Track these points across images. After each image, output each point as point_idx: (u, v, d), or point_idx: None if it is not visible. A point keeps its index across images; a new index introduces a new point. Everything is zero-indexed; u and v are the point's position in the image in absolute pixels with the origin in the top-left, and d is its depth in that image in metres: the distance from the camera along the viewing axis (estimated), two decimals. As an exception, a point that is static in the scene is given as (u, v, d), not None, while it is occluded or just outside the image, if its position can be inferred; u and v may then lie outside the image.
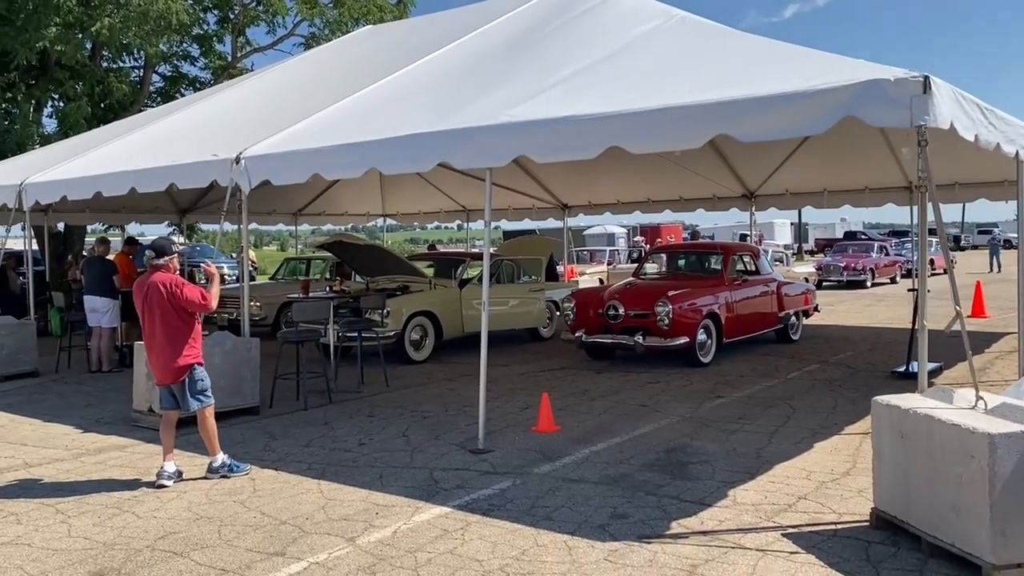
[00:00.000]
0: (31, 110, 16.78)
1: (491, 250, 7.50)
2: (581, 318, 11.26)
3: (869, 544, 4.62)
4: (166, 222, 19.14)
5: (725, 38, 7.62)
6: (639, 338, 10.49)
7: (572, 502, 5.46)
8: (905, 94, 4.86)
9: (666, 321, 10.35)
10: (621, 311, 10.84)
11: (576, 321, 11.30)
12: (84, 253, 17.22)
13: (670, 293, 10.61)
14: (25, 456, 7.05)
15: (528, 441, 7.10)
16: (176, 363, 6.05)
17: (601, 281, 21.52)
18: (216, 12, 19.01)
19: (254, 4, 18.55)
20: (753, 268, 12.77)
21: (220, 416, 7.90)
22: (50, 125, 17.73)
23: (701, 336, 10.78)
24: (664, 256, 14.18)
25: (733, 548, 4.61)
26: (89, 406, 9.10)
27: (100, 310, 11.29)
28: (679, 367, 10.64)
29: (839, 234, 52.18)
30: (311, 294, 12.20)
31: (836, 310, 18.73)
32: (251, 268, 21.75)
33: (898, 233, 45.13)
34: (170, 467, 6.10)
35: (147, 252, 6.29)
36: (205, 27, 18.96)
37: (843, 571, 4.27)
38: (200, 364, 6.21)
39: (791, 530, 4.87)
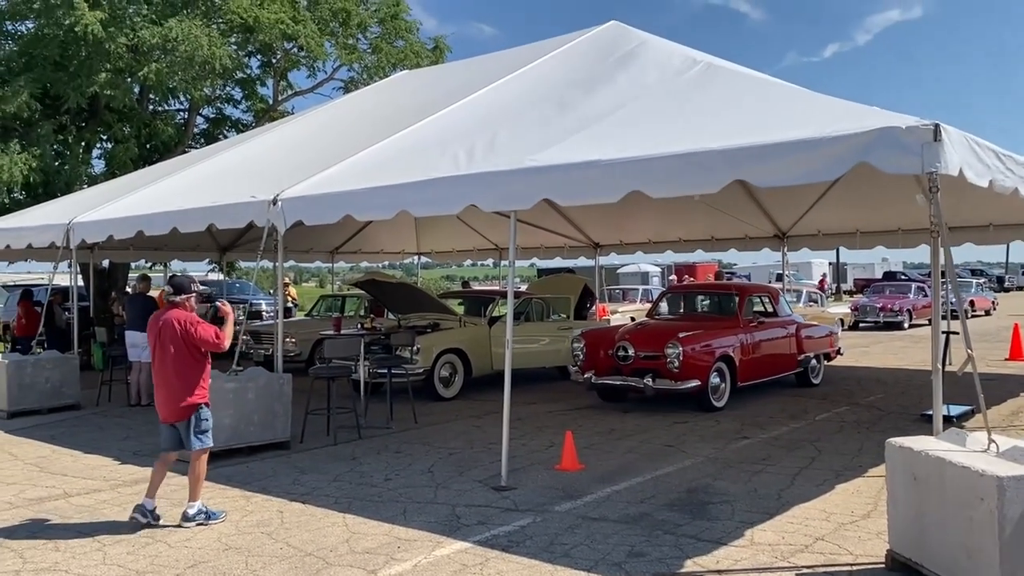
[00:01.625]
0: (81, 151, 17.42)
1: (523, 288, 7.67)
2: (591, 359, 11.00)
3: (883, 586, 4.65)
4: (207, 259, 19.66)
5: (746, 84, 7.80)
6: (649, 380, 10.23)
7: (591, 540, 5.55)
8: (916, 141, 4.97)
9: (676, 363, 10.09)
10: (631, 352, 10.57)
11: (586, 362, 11.04)
12: (127, 289, 17.75)
13: (681, 335, 10.35)
14: (65, 486, 7.31)
15: (551, 479, 7.20)
16: (185, 401, 6.04)
17: (633, 319, 21.55)
18: (259, 57, 19.64)
19: (295, 49, 19.12)
20: (771, 309, 12.48)
21: (253, 450, 8.22)
22: (98, 165, 18.39)
23: (714, 379, 10.49)
24: (679, 297, 13.90)
25: (746, 587, 4.67)
26: (127, 439, 9.38)
27: (141, 345, 11.62)
28: (712, 407, 10.65)
29: (878, 274, 51.60)
30: (343, 331, 12.44)
31: (870, 352, 18.55)
32: (292, 304, 22.21)
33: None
34: (150, 504, 6.08)
35: (165, 288, 6.33)
36: (248, 71, 19.59)
37: (855, 612, 4.31)
38: (207, 405, 6.19)
39: (805, 570, 4.91)
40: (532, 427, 9.60)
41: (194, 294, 6.34)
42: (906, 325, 25.13)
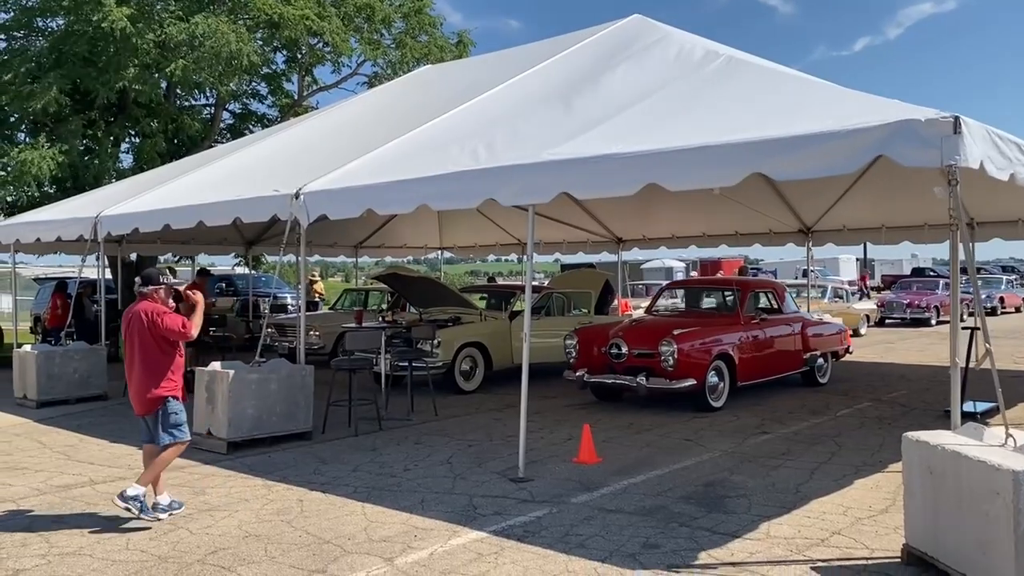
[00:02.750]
0: (109, 146, 17.68)
1: (544, 283, 7.69)
2: (584, 356, 10.63)
3: (898, 580, 4.64)
4: (232, 253, 19.89)
5: (767, 77, 7.76)
6: (642, 379, 9.85)
7: (606, 531, 5.58)
8: (936, 134, 4.93)
9: (671, 361, 9.73)
10: (624, 350, 10.22)
11: (579, 359, 10.67)
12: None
13: (675, 332, 9.99)
14: (91, 474, 7.45)
15: (568, 471, 7.23)
16: (151, 393, 5.91)
17: (656, 315, 21.48)
18: (284, 52, 19.80)
19: (320, 45, 19.26)
20: (775, 306, 12.07)
21: (275, 440, 8.33)
22: (126, 160, 18.66)
23: (712, 378, 10.12)
24: (679, 293, 13.26)
25: (760, 579, 4.68)
26: (153, 428, 9.52)
27: (166, 337, 11.80)
28: (727, 400, 10.60)
29: (907, 270, 51.01)
30: (364, 324, 12.54)
31: (896, 348, 18.38)
32: (319, 299, 22.41)
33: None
34: (164, 500, 6.01)
35: (135, 280, 6.21)
36: (273, 66, 19.77)
37: (868, 605, 4.31)
38: (176, 397, 6.03)
39: (820, 564, 4.90)
40: (551, 420, 9.63)
41: (163, 286, 6.14)
42: (933, 322, 24.83)
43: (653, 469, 7.30)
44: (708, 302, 12.55)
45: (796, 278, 34.77)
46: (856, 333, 20.99)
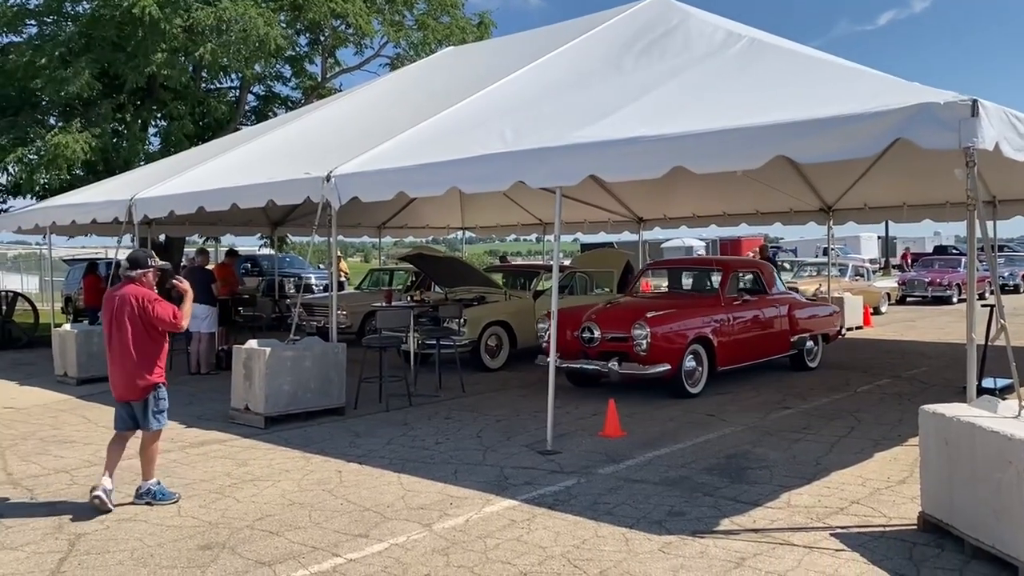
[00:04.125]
0: (138, 129, 18.02)
1: (566, 263, 7.89)
2: (557, 340, 10.35)
3: (914, 545, 4.85)
4: (258, 234, 20.21)
5: (789, 59, 7.90)
6: (614, 364, 9.39)
7: (632, 500, 5.83)
8: (954, 117, 5.09)
9: (643, 346, 9.25)
10: (597, 334, 9.74)
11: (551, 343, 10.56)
12: (183, 263, 18.36)
13: (649, 315, 9.52)
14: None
15: (595, 444, 7.48)
16: (144, 380, 5.85)
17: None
18: (308, 35, 20.03)
19: (343, 27, 19.46)
20: (760, 287, 11.53)
21: (310, 415, 8.63)
22: (154, 143, 19.00)
23: (688, 363, 9.68)
24: (661, 274, 12.50)
25: (782, 544, 4.91)
26: (191, 404, 9.87)
27: (200, 316, 12.12)
28: (749, 379, 10.82)
29: (930, 248, 50.72)
30: (393, 303, 12.83)
31: (916, 326, 18.46)
32: (343, 279, 22.76)
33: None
34: (108, 483, 5.85)
35: (121, 263, 6.04)
36: (297, 49, 19.99)
37: (885, 568, 4.53)
38: (164, 384, 6.01)
39: (840, 530, 5.13)
40: (576, 396, 9.88)
41: (151, 269, 6.00)
42: (955, 300, 24.80)
43: (677, 442, 7.53)
44: (689, 283, 12.06)
45: (817, 256, 34.74)
46: (877, 311, 21.07)
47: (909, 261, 37.67)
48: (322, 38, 20.04)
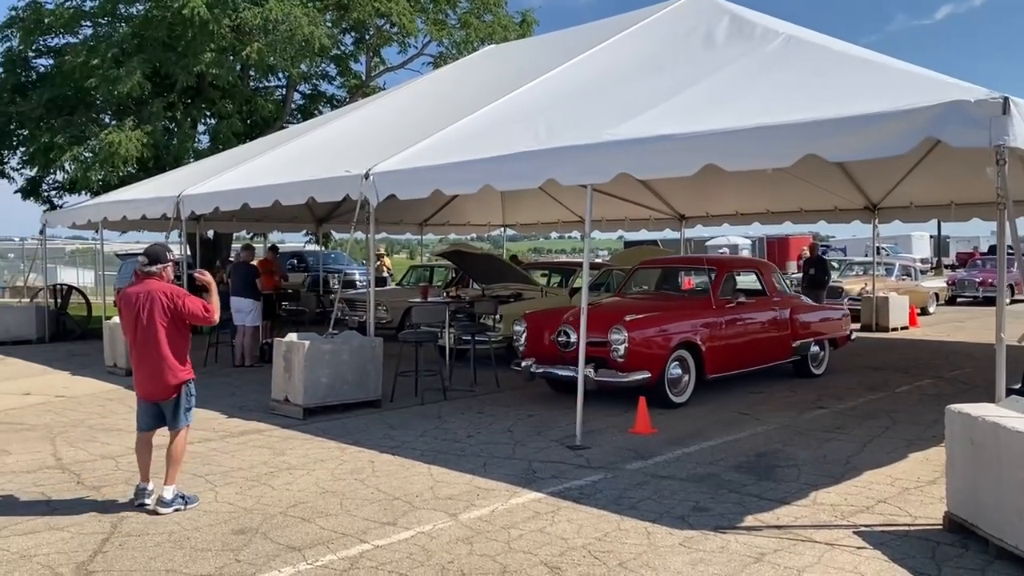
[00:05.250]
0: (188, 127, 18.48)
1: (605, 260, 7.93)
2: (533, 344, 9.51)
3: (938, 545, 4.83)
4: (304, 231, 20.61)
5: (825, 57, 7.84)
6: (590, 371, 8.45)
7: (657, 495, 5.88)
8: (985, 115, 5.05)
9: (621, 351, 8.59)
10: (573, 338, 8.95)
11: (527, 347, 9.56)
12: (230, 259, 18.79)
13: (627, 318, 8.83)
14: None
15: (624, 441, 7.54)
16: (177, 378, 5.73)
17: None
18: (353, 34, 20.33)
19: (387, 26, 19.71)
20: (759, 287, 10.85)
21: (347, 407, 8.82)
22: (203, 140, 19.47)
23: (674, 370, 9.03)
24: (652, 273, 11.80)
25: (803, 541, 4.93)
26: (234, 395, 10.15)
27: (244, 310, 12.46)
28: (784, 379, 10.74)
29: (984, 248, 49.49)
30: (429, 299, 13.00)
31: (965, 327, 18.10)
32: (387, 275, 23.09)
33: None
34: (150, 487, 5.78)
35: (140, 259, 5.87)
36: (342, 48, 20.32)
37: (906, 567, 4.53)
38: (193, 379, 5.89)
39: (863, 528, 5.13)
40: (608, 393, 9.90)
41: (170, 263, 5.87)
42: (1007, 300, 24.21)
43: (706, 440, 7.55)
44: (681, 284, 11.25)
45: (865, 255, 34.16)
46: (925, 311, 20.71)
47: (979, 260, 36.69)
48: (367, 37, 20.32)
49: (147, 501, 5.70)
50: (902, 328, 17.31)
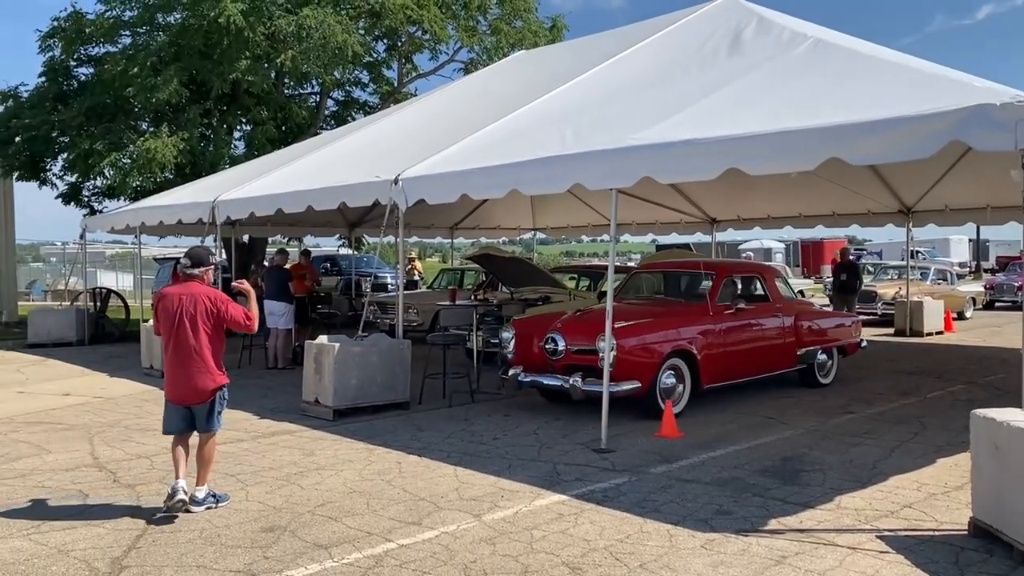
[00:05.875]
0: (224, 133, 18.80)
1: (634, 264, 7.93)
2: (522, 351, 9.23)
3: (962, 550, 4.81)
4: (337, 235, 20.84)
5: (852, 60, 7.81)
6: (577, 380, 8.37)
7: (681, 498, 5.91)
8: (1011, 118, 5.02)
9: (609, 360, 7.95)
10: (561, 346, 8.76)
11: (516, 355, 9.29)
12: (264, 263, 19.08)
13: (616, 325, 8.20)
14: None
15: (650, 444, 7.56)
16: (215, 382, 5.73)
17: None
18: (385, 41, 20.53)
19: (419, 33, 19.88)
20: (761, 293, 10.39)
21: (376, 409, 8.94)
22: (239, 147, 19.78)
23: (667, 380, 8.65)
24: (649, 278, 11.27)
25: (825, 545, 4.94)
26: (266, 397, 10.33)
27: (277, 313, 12.66)
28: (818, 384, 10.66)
29: (1025, 252, 48.50)
30: (458, 302, 13.10)
31: (1002, 332, 17.81)
32: (418, 278, 23.29)
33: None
34: (184, 484, 5.70)
35: (182, 260, 5.88)
36: (375, 55, 20.52)
37: (928, 571, 4.52)
38: (228, 384, 5.88)
39: (887, 533, 5.12)
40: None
41: (212, 266, 5.91)
42: (1047, 305, 23.78)
43: (733, 444, 7.56)
44: (677, 289, 10.68)
45: (901, 259, 33.70)
46: (961, 316, 20.42)
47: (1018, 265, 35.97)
48: (399, 44, 20.51)
49: (181, 497, 5.62)
50: (937, 333, 17.09)
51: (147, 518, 5.63)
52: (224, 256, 15.54)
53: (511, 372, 9.20)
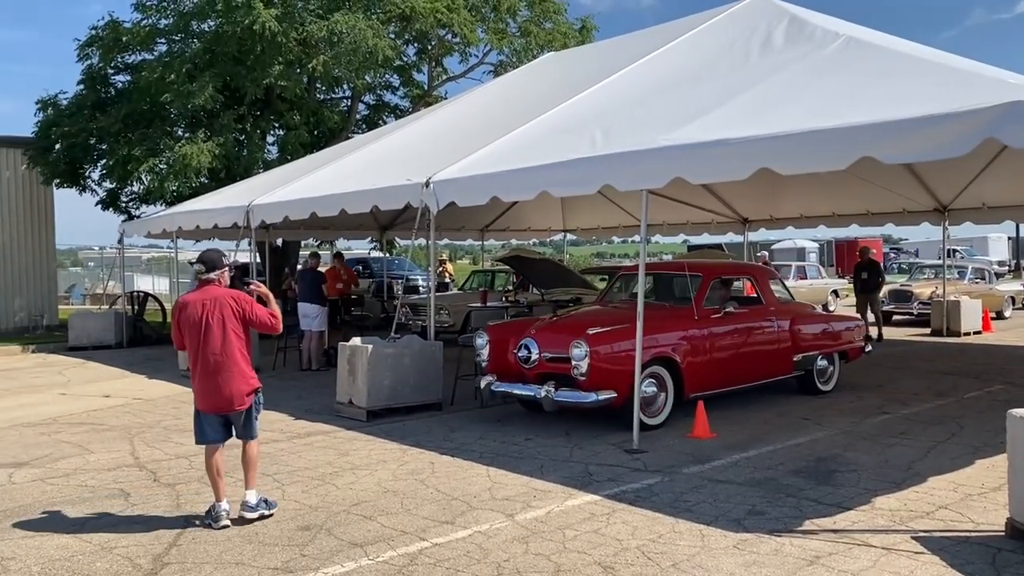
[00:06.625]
0: (257, 138, 19.05)
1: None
2: (496, 359, 8.76)
3: (998, 551, 4.77)
4: (368, 237, 21.03)
5: (885, 58, 7.75)
6: (549, 389, 7.94)
7: (714, 499, 5.91)
8: (1046, 114, 4.97)
9: (582, 368, 7.79)
10: (535, 353, 8.31)
11: (490, 363, 8.80)
12: (298, 266, 19.30)
13: (590, 331, 8.00)
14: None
15: (682, 445, 7.56)
16: (247, 386, 5.61)
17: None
18: (415, 44, 20.67)
19: (449, 36, 19.99)
20: (754, 296, 9.84)
21: (408, 410, 9.02)
22: (272, 151, 20.01)
23: (647, 389, 8.11)
24: (633, 280, 10.35)
25: (859, 545, 4.91)
26: (300, 398, 10.46)
27: (311, 315, 12.82)
28: (849, 384, 10.58)
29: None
30: (488, 303, 13.17)
31: (1042, 331, 17.50)
32: (448, 280, 23.43)
33: None
34: (227, 505, 5.60)
35: (195, 266, 5.75)
36: (405, 59, 20.67)
37: (964, 572, 4.48)
38: (261, 387, 5.78)
39: (922, 534, 5.08)
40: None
41: (227, 268, 5.77)
42: (1090, 304, 23.30)
43: (766, 445, 7.53)
44: (663, 292, 10.17)
45: (938, 257, 33.20)
46: (1000, 316, 20.10)
47: None
48: (429, 47, 20.64)
49: (226, 523, 5.49)
50: (974, 333, 16.85)
51: (187, 516, 5.75)
52: (236, 258, 15.76)
53: (483, 381, 8.67)
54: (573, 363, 7.88)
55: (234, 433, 5.70)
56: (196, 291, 5.66)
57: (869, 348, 10.87)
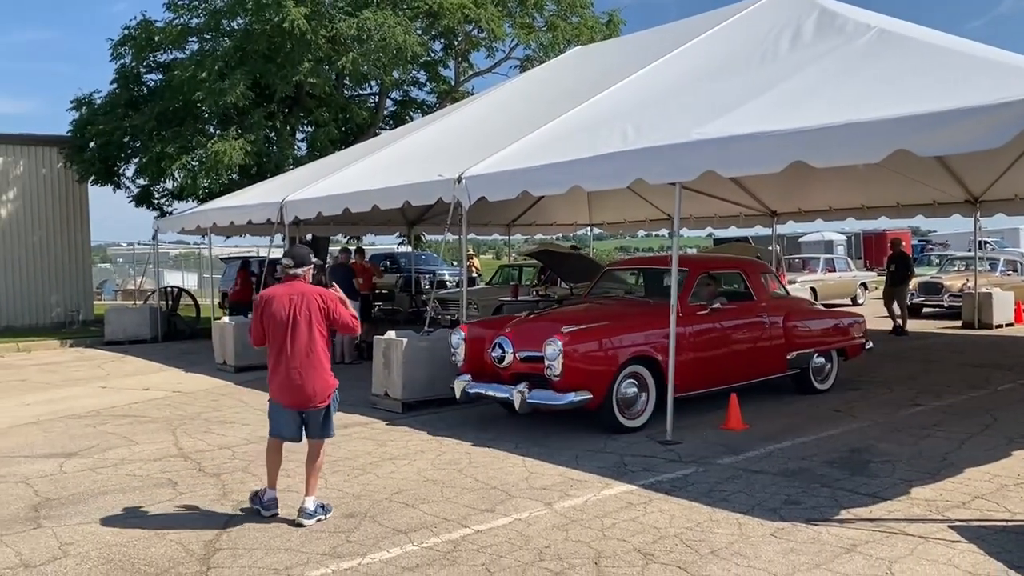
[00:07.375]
0: (287, 135, 19.28)
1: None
2: (472, 358, 8.42)
3: (1036, 540, 4.81)
4: (396, 233, 21.20)
5: (918, 50, 7.74)
6: (523, 390, 7.64)
7: (749, 488, 5.99)
8: (1083, 106, 4.98)
9: (556, 368, 7.45)
10: (509, 352, 8.02)
11: (465, 363, 8.45)
12: (328, 261, 19.52)
13: (564, 329, 7.68)
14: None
15: (716, 436, 7.63)
16: (329, 384, 5.59)
17: (813, 291, 21.16)
18: (442, 40, 20.80)
19: (476, 31, 20.09)
20: (742, 291, 9.51)
21: (443, 402, 9.15)
22: (301, 148, 20.24)
23: (628, 389, 7.83)
24: (619, 276, 10.55)
25: (896, 534, 4.97)
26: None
27: (343, 310, 12.97)
28: (882, 376, 10.58)
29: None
30: (519, 298, 13.26)
31: (1076, 323, 17.32)
32: (476, 275, 23.60)
33: None
34: (276, 494, 5.70)
35: (283, 261, 5.75)
36: (432, 55, 20.80)
37: (1002, 560, 4.53)
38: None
39: (959, 523, 5.13)
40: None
41: (313, 265, 5.76)
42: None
43: (799, 436, 7.58)
44: (648, 288, 9.84)
45: (968, 249, 32.86)
46: (1033, 308, 19.89)
47: None
48: (455, 43, 20.75)
49: (276, 510, 5.57)
50: (1007, 325, 16.71)
51: (235, 504, 5.91)
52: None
53: (458, 383, 8.33)
54: (546, 363, 7.56)
55: (304, 433, 5.65)
56: (283, 285, 5.63)
57: (870, 345, 10.44)
